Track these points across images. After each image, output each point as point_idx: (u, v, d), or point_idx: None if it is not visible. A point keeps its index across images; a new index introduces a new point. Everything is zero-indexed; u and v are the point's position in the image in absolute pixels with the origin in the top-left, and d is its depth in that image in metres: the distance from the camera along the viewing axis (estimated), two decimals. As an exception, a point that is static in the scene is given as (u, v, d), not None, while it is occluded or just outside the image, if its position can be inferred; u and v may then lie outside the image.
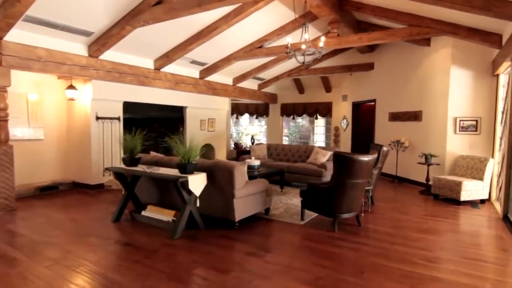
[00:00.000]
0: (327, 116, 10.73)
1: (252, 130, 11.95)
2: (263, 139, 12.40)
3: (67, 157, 6.51)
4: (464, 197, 5.04)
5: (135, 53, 6.23)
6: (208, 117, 8.82)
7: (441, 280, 2.69)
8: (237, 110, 11.66)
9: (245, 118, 12.86)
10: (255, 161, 5.71)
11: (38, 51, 4.82)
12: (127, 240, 3.62)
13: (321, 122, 11.55)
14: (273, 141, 11.49)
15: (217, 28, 5.62)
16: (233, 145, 11.65)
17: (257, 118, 12.24)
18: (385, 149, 4.81)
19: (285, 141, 12.10)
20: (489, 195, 5.33)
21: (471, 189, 5.05)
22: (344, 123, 9.82)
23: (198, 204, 3.83)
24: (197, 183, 3.72)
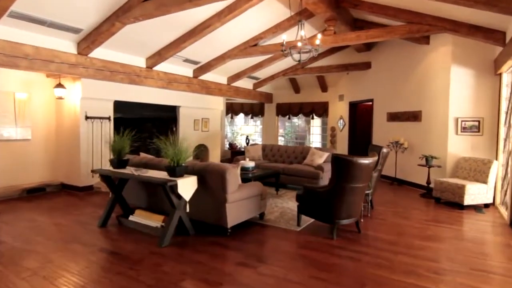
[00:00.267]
0: (323, 116, 10.56)
1: (247, 130, 11.75)
2: (258, 139, 12.20)
3: (56, 157, 6.26)
4: (467, 201, 4.86)
5: (126, 51, 6.01)
6: (202, 117, 8.59)
7: (448, 293, 2.50)
8: (232, 109, 11.44)
9: (240, 118, 12.64)
10: (249, 163, 5.50)
11: (25, 48, 4.61)
12: (112, 247, 3.39)
13: (317, 122, 11.37)
14: (269, 141, 11.29)
15: (211, 25, 5.42)
16: (227, 146, 11.42)
17: (252, 118, 12.03)
18: (385, 150, 4.62)
19: (281, 141, 11.91)
20: (493, 199, 5.14)
21: (474, 193, 4.87)
22: (340, 123, 9.65)
23: (188, 209, 3.61)
24: (187, 187, 3.50)
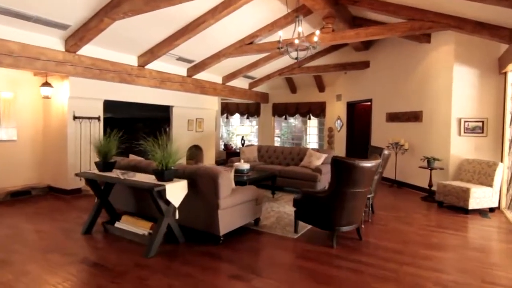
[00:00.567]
0: (320, 116, 10.36)
1: (242, 130, 11.52)
2: (254, 140, 11.97)
3: (43, 159, 5.99)
4: (472, 205, 4.66)
5: (117, 48, 5.76)
6: (196, 117, 8.34)
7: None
8: (227, 110, 11.20)
9: (236, 118, 12.41)
10: (244, 165, 5.26)
11: (9, 45, 4.37)
12: (94, 257, 3.14)
13: (314, 122, 11.18)
14: (265, 142, 11.07)
15: (204, 22, 5.19)
16: (222, 146, 11.17)
17: (248, 118, 11.80)
18: (386, 152, 4.41)
19: (277, 142, 11.69)
20: (499, 202, 4.95)
21: (479, 197, 4.67)
22: (338, 124, 9.45)
23: (177, 216, 3.37)
24: (176, 192, 3.25)
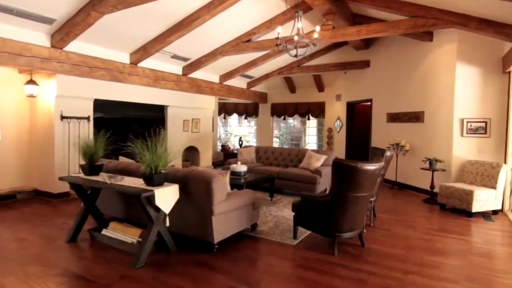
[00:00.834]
0: (319, 116, 10.18)
1: (240, 131, 11.30)
2: (252, 141, 11.76)
3: (29, 161, 5.73)
4: (476, 208, 4.49)
5: (107, 45, 5.53)
6: (192, 117, 8.11)
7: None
8: (225, 110, 10.98)
9: (234, 118, 12.19)
10: (241, 167, 5.05)
11: (-11, 40, 4.12)
12: (77, 269, 2.91)
13: (313, 123, 11.01)
14: (263, 142, 10.87)
15: (199, 17, 4.98)
16: (220, 147, 10.95)
17: (246, 118, 11.59)
18: (388, 154, 4.23)
19: (276, 142, 11.50)
20: (502, 205, 4.79)
21: (483, 199, 4.50)
22: (337, 124, 9.27)
23: (168, 223, 3.15)
24: (167, 198, 3.03)
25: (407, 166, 6.45)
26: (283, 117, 10.76)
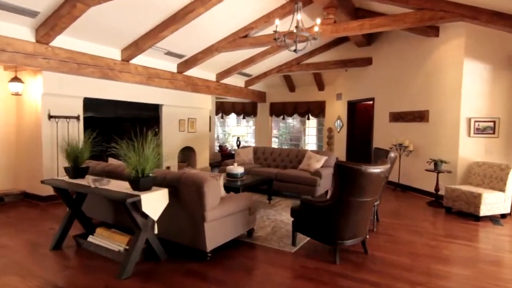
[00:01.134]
0: (319, 116, 9.95)
1: (237, 131, 11.07)
2: (251, 141, 11.53)
3: (17, 163, 5.49)
4: (483, 211, 4.27)
5: (97, 40, 5.27)
6: (188, 116, 7.86)
7: None
8: (223, 109, 10.73)
9: (233, 118, 11.95)
10: (238, 168, 4.81)
11: (-33, 34, 3.88)
12: (59, 280, 2.67)
13: (313, 122, 10.78)
14: (262, 143, 10.63)
15: (193, 11, 4.74)
16: (217, 148, 10.71)
17: (244, 118, 11.35)
18: (392, 155, 3.99)
19: (275, 143, 11.26)
20: (511, 208, 4.57)
21: (491, 202, 4.28)
22: (338, 124, 9.04)
23: (156, 230, 2.91)
24: (155, 203, 2.80)
25: (410, 167, 6.22)
26: (282, 116, 10.53)
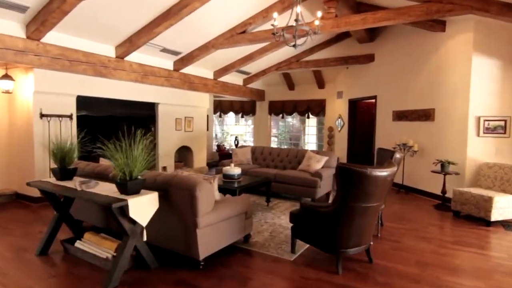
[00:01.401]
0: (320, 115, 9.72)
1: (235, 130, 10.85)
2: (250, 140, 11.32)
3: (8, 162, 5.30)
4: (495, 216, 4.05)
5: (90, 36, 5.08)
6: (185, 115, 7.66)
7: None
8: (221, 108, 10.51)
9: (231, 117, 11.74)
10: (235, 169, 4.61)
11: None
12: (39, 291, 2.48)
13: (313, 121, 10.55)
14: (261, 142, 10.41)
15: (188, 5, 4.53)
16: (215, 147, 10.51)
17: (243, 117, 11.14)
18: (398, 156, 3.78)
19: (274, 142, 11.05)
20: (523, 212, 4.35)
21: (503, 207, 4.06)
22: (339, 123, 8.82)
23: (145, 237, 2.71)
24: (143, 208, 2.60)
25: (415, 168, 6.00)
26: (281, 115, 10.31)
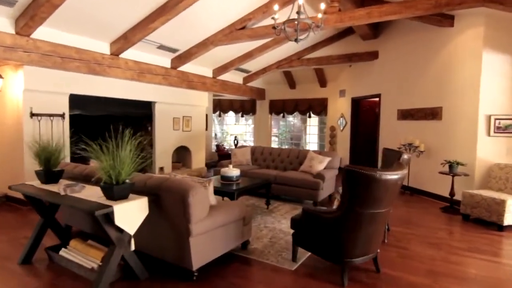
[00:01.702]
0: (321, 114, 9.50)
1: (235, 130, 10.64)
2: (250, 140, 11.10)
3: (-2, 163, 5.11)
4: (508, 220, 3.82)
5: (83, 32, 4.87)
6: (183, 114, 7.45)
7: None
8: (220, 107, 10.30)
9: (231, 116, 11.52)
10: (233, 171, 4.39)
11: None
12: (17, 306, 2.27)
13: (314, 121, 10.33)
14: (261, 142, 10.20)
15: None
16: (215, 147, 10.29)
17: (243, 116, 10.92)
18: (405, 156, 3.57)
19: (274, 142, 10.83)
20: (536, 216, 4.12)
21: (517, 210, 3.85)
22: (341, 123, 8.60)
23: (133, 247, 2.50)
24: (131, 215, 2.38)
25: (421, 169, 5.78)
26: (282, 114, 10.09)
